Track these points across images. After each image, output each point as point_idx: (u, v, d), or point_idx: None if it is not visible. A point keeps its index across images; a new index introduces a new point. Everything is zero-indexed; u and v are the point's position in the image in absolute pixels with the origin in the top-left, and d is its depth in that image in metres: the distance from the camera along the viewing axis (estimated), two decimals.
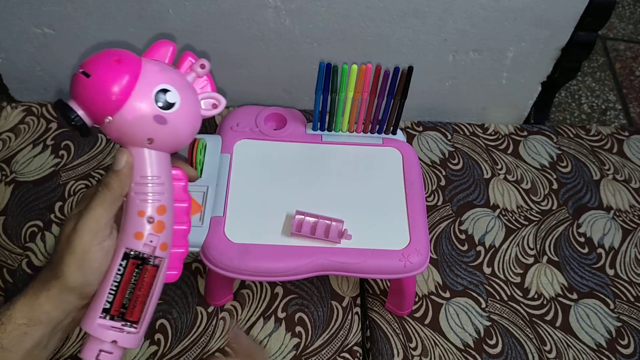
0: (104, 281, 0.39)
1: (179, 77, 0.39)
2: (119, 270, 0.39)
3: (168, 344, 0.67)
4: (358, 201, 0.62)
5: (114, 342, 0.39)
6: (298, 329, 0.69)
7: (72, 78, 0.37)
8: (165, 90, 0.37)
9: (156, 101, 0.37)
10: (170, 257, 0.42)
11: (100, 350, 0.38)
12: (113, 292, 0.39)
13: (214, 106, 0.41)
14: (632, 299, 0.75)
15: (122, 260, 0.39)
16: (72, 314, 0.40)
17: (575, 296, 0.74)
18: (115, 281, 0.39)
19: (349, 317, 0.70)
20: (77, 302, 0.39)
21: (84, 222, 0.38)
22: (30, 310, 0.38)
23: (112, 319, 0.39)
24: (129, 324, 0.39)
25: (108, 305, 0.39)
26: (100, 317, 0.39)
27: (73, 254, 0.37)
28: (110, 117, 0.37)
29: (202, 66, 0.41)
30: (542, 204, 0.83)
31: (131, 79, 0.36)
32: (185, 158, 0.57)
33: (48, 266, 0.39)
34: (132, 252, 0.39)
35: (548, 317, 0.72)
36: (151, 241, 0.39)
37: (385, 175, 0.65)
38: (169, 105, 0.38)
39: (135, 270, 0.39)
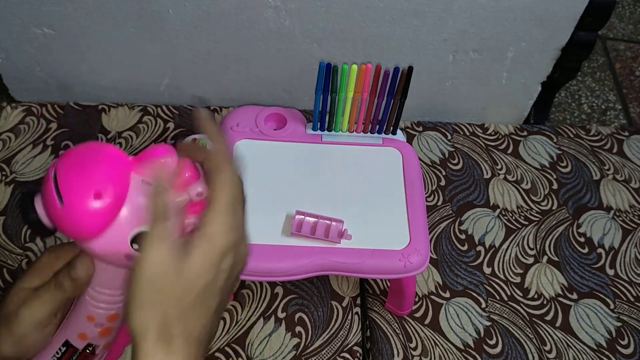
0: (42, 355, 0.37)
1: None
2: (57, 353, 0.37)
3: None
4: (358, 201, 0.62)
5: None
6: (298, 329, 0.69)
7: (45, 175, 0.31)
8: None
9: (132, 242, 0.32)
10: (115, 346, 0.40)
11: None
12: None
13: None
14: (632, 299, 0.75)
15: (62, 346, 0.37)
16: None
17: (575, 296, 0.74)
18: None
19: (349, 317, 0.70)
20: None
21: (28, 313, 0.35)
22: None
23: None
24: None
25: None
26: None
27: (11, 336, 0.36)
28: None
29: (200, 194, 0.33)
30: (542, 204, 0.83)
31: (107, 221, 0.31)
32: None
33: None
34: (72, 344, 0.37)
35: (548, 317, 0.72)
36: (95, 341, 0.37)
37: (385, 175, 0.65)
38: None
39: (74, 354, 0.37)
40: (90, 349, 0.38)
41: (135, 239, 0.32)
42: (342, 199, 0.62)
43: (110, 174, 0.31)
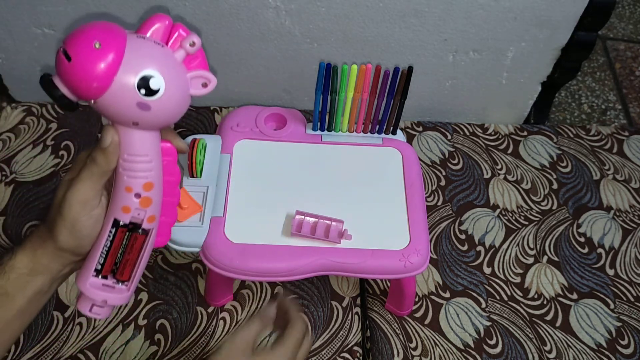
0: (96, 244, 0.41)
1: (166, 59, 0.37)
2: (109, 236, 0.41)
3: (168, 344, 0.67)
4: (358, 201, 0.62)
5: (104, 300, 0.42)
6: None
7: (56, 53, 0.36)
8: (149, 76, 0.36)
9: (139, 88, 0.36)
10: (160, 225, 0.44)
11: (93, 305, 0.42)
12: (104, 255, 0.42)
13: (204, 85, 0.40)
14: (632, 299, 0.75)
15: (112, 227, 0.41)
16: (70, 266, 0.43)
17: (575, 296, 0.74)
18: (105, 246, 0.41)
19: (349, 317, 0.70)
20: (73, 257, 0.42)
21: (73, 194, 0.39)
22: (30, 262, 0.41)
23: (104, 277, 0.42)
24: (120, 282, 0.43)
25: (99, 267, 0.42)
26: (93, 275, 0.42)
27: (64, 222, 0.39)
28: (93, 100, 0.36)
29: (193, 44, 0.38)
30: (542, 204, 0.83)
31: (112, 67, 0.35)
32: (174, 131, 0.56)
33: (44, 224, 0.42)
34: (120, 222, 0.41)
35: (548, 317, 0.72)
36: (138, 214, 0.41)
37: (385, 175, 0.65)
38: (153, 92, 0.36)
39: (125, 236, 0.42)
40: (137, 229, 0.42)
41: (142, 85, 0.36)
42: (342, 199, 0.62)
43: (107, 30, 0.35)
